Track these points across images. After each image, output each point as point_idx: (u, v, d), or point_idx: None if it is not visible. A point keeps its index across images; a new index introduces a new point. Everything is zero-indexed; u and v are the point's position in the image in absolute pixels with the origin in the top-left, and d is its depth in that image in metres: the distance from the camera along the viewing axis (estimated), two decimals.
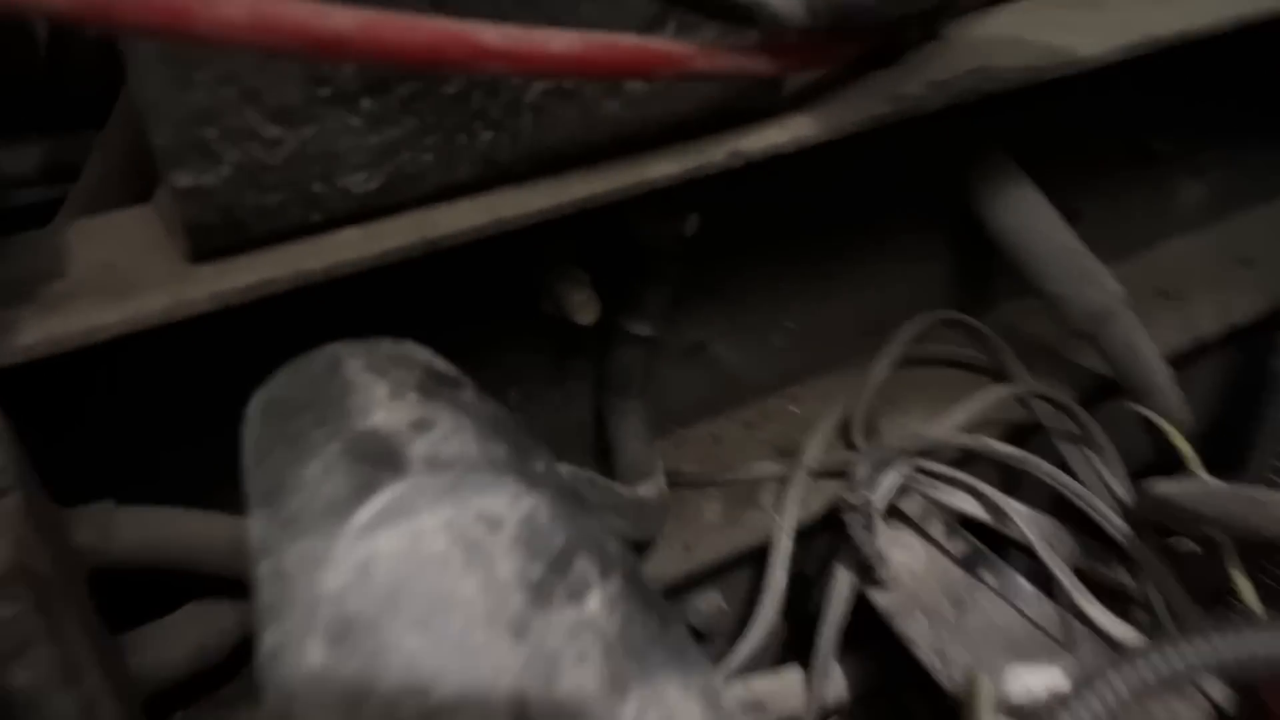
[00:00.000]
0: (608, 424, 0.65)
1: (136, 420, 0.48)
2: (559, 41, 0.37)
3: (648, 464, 0.63)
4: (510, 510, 0.34)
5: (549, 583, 0.33)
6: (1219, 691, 0.54)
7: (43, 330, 0.38)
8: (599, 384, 0.65)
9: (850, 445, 0.71)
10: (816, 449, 0.69)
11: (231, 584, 0.51)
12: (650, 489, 0.61)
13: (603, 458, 0.67)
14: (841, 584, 0.63)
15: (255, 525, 0.35)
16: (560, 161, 0.48)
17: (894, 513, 0.65)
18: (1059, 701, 0.41)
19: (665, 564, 0.64)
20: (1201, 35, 0.65)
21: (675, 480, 0.68)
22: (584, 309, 0.57)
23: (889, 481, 0.64)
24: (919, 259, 0.78)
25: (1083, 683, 0.41)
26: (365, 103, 0.42)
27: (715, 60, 0.43)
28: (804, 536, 0.68)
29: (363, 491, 0.33)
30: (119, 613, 0.47)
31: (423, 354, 0.40)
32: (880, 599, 0.62)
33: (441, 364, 0.40)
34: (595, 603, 0.33)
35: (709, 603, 0.68)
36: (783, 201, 0.67)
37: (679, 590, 0.66)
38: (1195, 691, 0.54)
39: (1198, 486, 0.62)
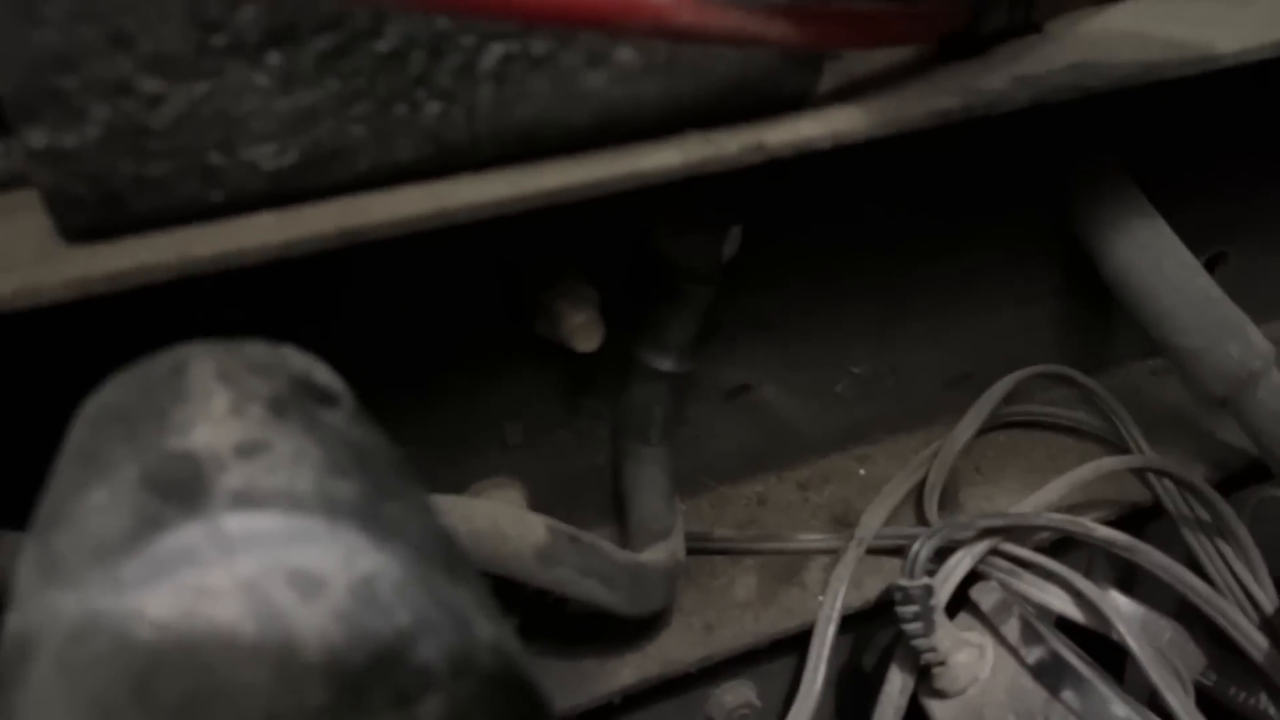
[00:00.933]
0: (622, 473, 0.55)
1: None
2: None
3: (663, 523, 0.53)
4: (340, 571, 0.25)
5: (370, 680, 0.24)
6: None
7: None
8: (614, 425, 0.56)
9: (923, 520, 0.60)
10: (878, 520, 0.58)
11: None
12: (658, 553, 0.51)
13: (622, 513, 0.58)
14: (894, 687, 0.51)
15: (21, 564, 0.27)
16: (530, 146, 0.39)
17: (966, 604, 0.53)
18: None
19: (678, 645, 0.54)
20: None
21: (703, 544, 0.58)
22: (584, 334, 0.48)
23: (961, 565, 0.52)
24: (1019, 299, 0.66)
25: None
26: (272, 56, 0.34)
27: (714, 19, 0.34)
28: (856, 623, 0.57)
29: (144, 531, 0.25)
30: None
31: (301, 362, 0.32)
32: (938, 710, 0.50)
33: (323, 376, 0.32)
34: (430, 717, 0.24)
35: (736, 695, 0.57)
36: (849, 219, 0.56)
37: (695, 679, 0.55)
38: None
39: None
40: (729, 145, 0.41)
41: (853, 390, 0.64)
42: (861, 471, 0.64)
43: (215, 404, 0.29)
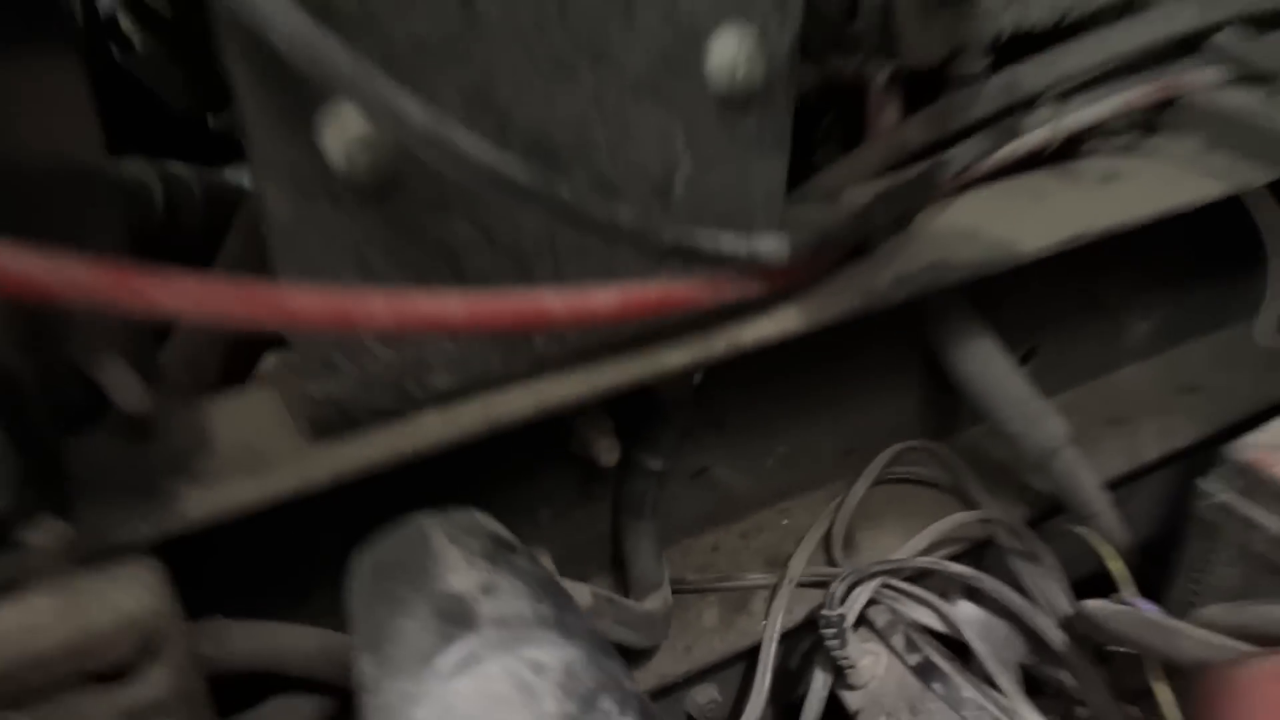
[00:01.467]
0: (623, 542, 0.77)
1: (236, 550, 0.60)
2: (601, 297, 0.50)
3: (656, 577, 0.75)
4: (553, 659, 0.46)
5: (581, 717, 0.45)
6: None
7: (205, 505, 0.50)
8: (616, 506, 0.77)
9: (831, 559, 0.83)
10: (801, 562, 0.81)
11: (311, 682, 0.63)
12: (657, 601, 0.73)
13: (617, 567, 0.79)
14: (818, 683, 0.75)
15: (362, 665, 0.47)
16: (594, 355, 0.60)
17: (864, 622, 0.77)
18: None
19: (667, 664, 0.76)
20: (1130, 227, 0.78)
21: (679, 587, 0.80)
22: (608, 452, 0.69)
23: (862, 596, 0.76)
24: (893, 391, 0.90)
25: None
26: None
27: (721, 293, 0.56)
28: (789, 637, 0.80)
29: (444, 643, 0.45)
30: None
31: (488, 523, 0.52)
32: (849, 699, 0.73)
33: (501, 531, 0.52)
34: None
35: (705, 695, 0.80)
36: (775, 348, 0.79)
37: (679, 686, 0.78)
38: None
39: (1121, 611, 0.73)
40: (718, 344, 0.63)
41: (778, 463, 0.87)
42: (785, 522, 0.87)
43: (455, 559, 0.49)
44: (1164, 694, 0.72)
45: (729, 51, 0.53)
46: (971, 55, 0.83)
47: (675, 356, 0.61)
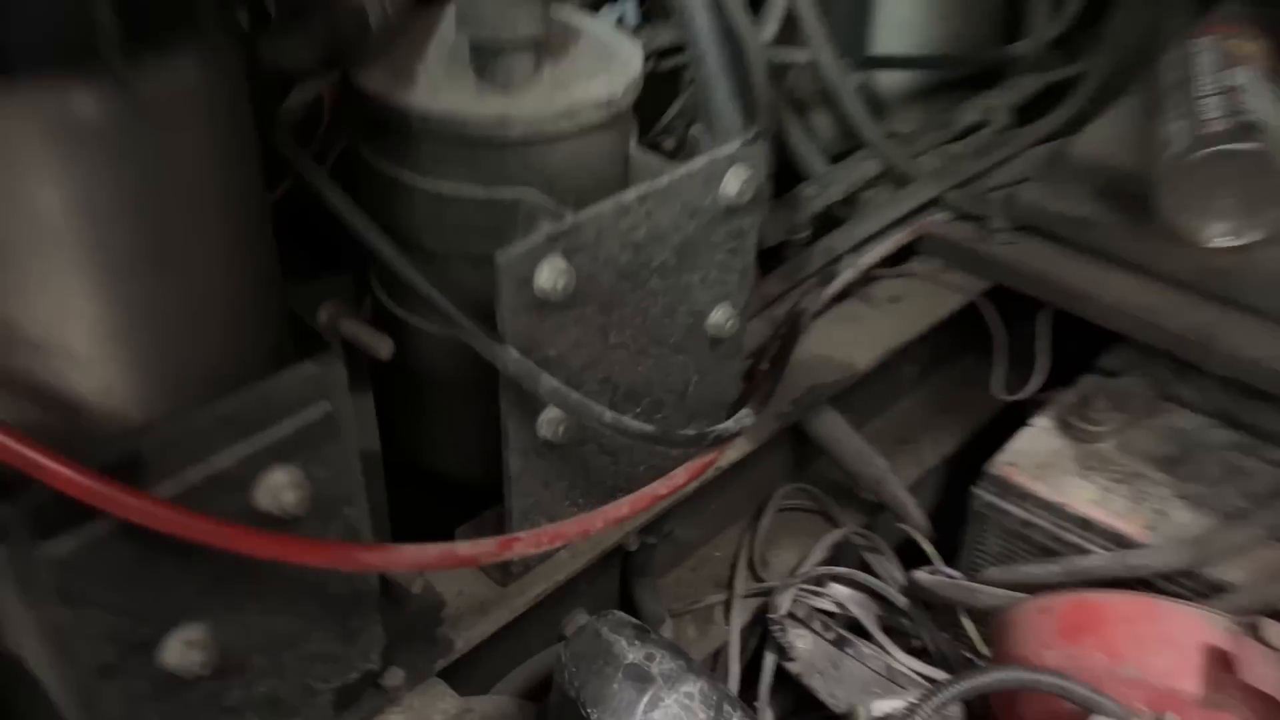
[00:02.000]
0: (633, 593, 1.14)
1: None
2: (658, 489, 0.87)
3: (660, 614, 1.13)
4: (695, 689, 0.83)
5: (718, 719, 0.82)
6: None
7: (466, 639, 0.83)
8: (625, 570, 1.14)
9: (755, 575, 1.24)
10: (741, 582, 1.21)
11: None
12: (668, 630, 1.11)
13: (628, 610, 1.16)
14: (769, 662, 1.16)
15: (591, 717, 0.82)
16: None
17: (792, 616, 1.19)
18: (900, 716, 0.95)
19: None
20: (915, 337, 1.22)
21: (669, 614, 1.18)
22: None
23: (788, 599, 1.17)
24: (777, 453, 1.31)
25: (907, 708, 0.94)
26: None
27: (696, 470, 0.93)
28: (743, 634, 1.20)
29: (639, 695, 0.81)
30: None
31: (626, 617, 0.88)
32: (791, 667, 1.15)
33: (634, 620, 0.88)
34: None
35: None
36: None
37: None
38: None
39: (937, 579, 1.19)
40: (708, 475, 1.01)
41: (710, 514, 1.26)
42: (717, 554, 1.27)
43: (622, 644, 0.85)
44: (970, 628, 1.18)
45: (720, 317, 0.91)
46: (800, 231, 1.25)
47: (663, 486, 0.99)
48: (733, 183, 0.83)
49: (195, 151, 0.57)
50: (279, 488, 0.63)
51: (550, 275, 0.72)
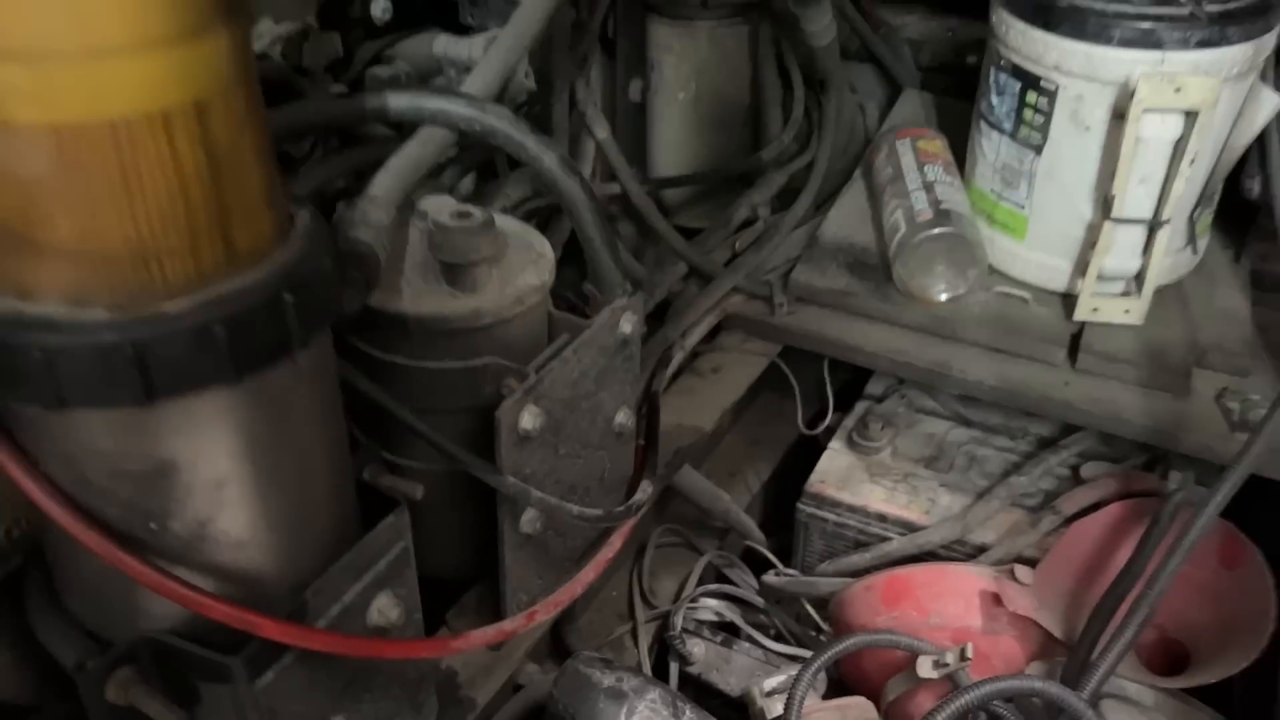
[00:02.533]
0: (565, 638, 1.42)
1: None
2: (600, 562, 1.18)
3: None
4: (656, 696, 1.14)
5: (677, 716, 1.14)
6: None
7: (482, 696, 1.09)
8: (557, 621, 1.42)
9: (648, 602, 1.56)
10: (639, 611, 1.53)
11: None
12: None
13: (556, 647, 1.45)
14: (674, 669, 1.48)
15: None
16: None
17: (685, 630, 1.51)
18: (785, 688, 1.30)
19: None
20: (738, 398, 1.59)
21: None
22: None
23: (681, 617, 1.50)
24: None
25: (791, 679, 1.29)
26: None
27: (626, 534, 1.25)
28: (650, 652, 1.51)
29: (618, 708, 1.11)
30: None
31: (594, 654, 1.17)
32: (692, 670, 1.48)
33: (599, 654, 1.18)
34: None
35: None
36: None
37: None
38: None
39: (781, 578, 1.56)
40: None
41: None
42: (614, 593, 1.58)
43: (597, 673, 1.16)
44: (813, 613, 1.56)
45: (622, 417, 1.22)
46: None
47: None
48: (626, 325, 1.15)
49: (323, 398, 0.83)
50: (385, 607, 0.89)
51: (529, 418, 1.02)
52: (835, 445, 1.65)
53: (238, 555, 0.79)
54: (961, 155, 1.78)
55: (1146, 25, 1.39)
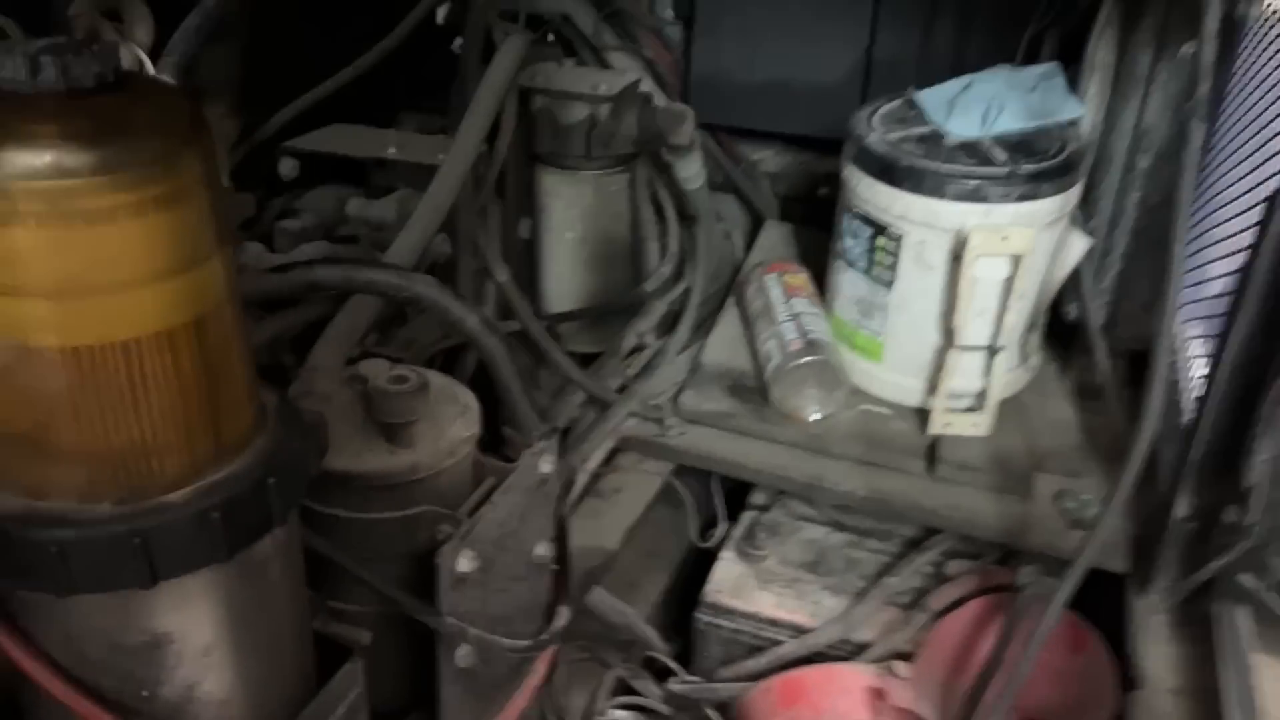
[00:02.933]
0: None
1: None
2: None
3: None
4: None
5: None
6: None
7: None
8: None
9: (560, 719, 1.64)
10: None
11: None
12: None
13: None
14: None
15: None
16: None
17: None
18: None
19: None
20: (636, 517, 1.72)
21: None
22: None
23: None
24: None
25: None
26: None
27: (551, 659, 1.35)
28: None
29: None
30: None
31: None
32: None
33: None
34: None
35: None
36: None
37: None
38: None
39: (684, 685, 1.67)
40: None
41: None
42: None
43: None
44: (715, 717, 1.68)
45: (542, 549, 1.33)
46: None
47: None
48: (545, 465, 1.27)
49: (293, 561, 0.92)
50: None
51: (465, 562, 1.12)
52: (726, 555, 1.80)
53: (220, 713, 0.86)
54: (822, 281, 1.99)
55: (975, 183, 1.63)
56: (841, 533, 1.83)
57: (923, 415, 1.81)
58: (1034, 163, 1.66)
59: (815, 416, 1.81)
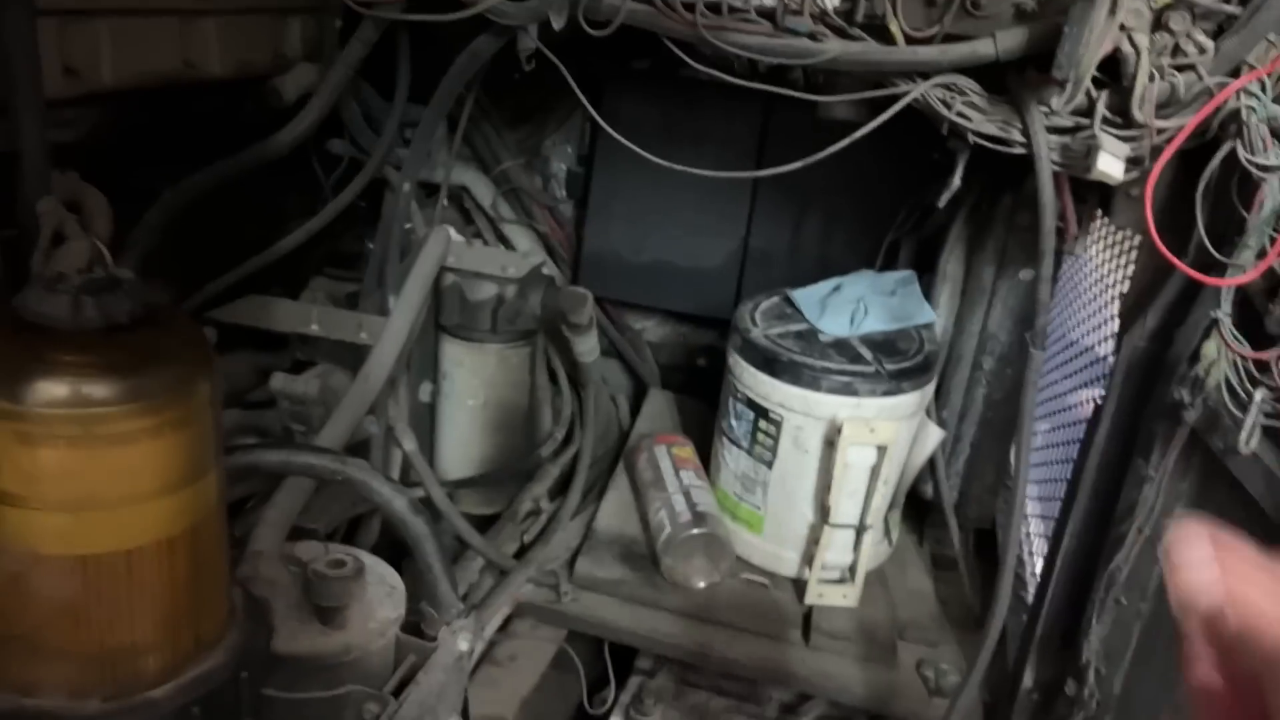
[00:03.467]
0: None
1: None
2: None
3: None
4: None
5: None
6: None
7: None
8: None
9: None
10: None
11: None
12: None
13: None
14: None
15: None
16: None
17: None
18: None
19: None
20: (538, 682, 1.78)
21: None
22: None
23: None
24: None
25: None
26: None
27: None
28: None
29: None
30: None
31: None
32: None
33: None
34: None
35: None
36: None
37: None
38: None
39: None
40: None
41: None
42: None
43: None
44: None
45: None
46: None
47: None
48: (463, 642, 1.34)
49: None
50: None
51: None
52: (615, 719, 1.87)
53: None
54: (703, 451, 2.15)
55: (846, 378, 1.83)
56: (723, 697, 1.93)
57: (798, 585, 1.95)
58: (896, 362, 1.87)
59: (702, 585, 1.94)
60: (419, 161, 2.04)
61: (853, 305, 2.00)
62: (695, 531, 1.90)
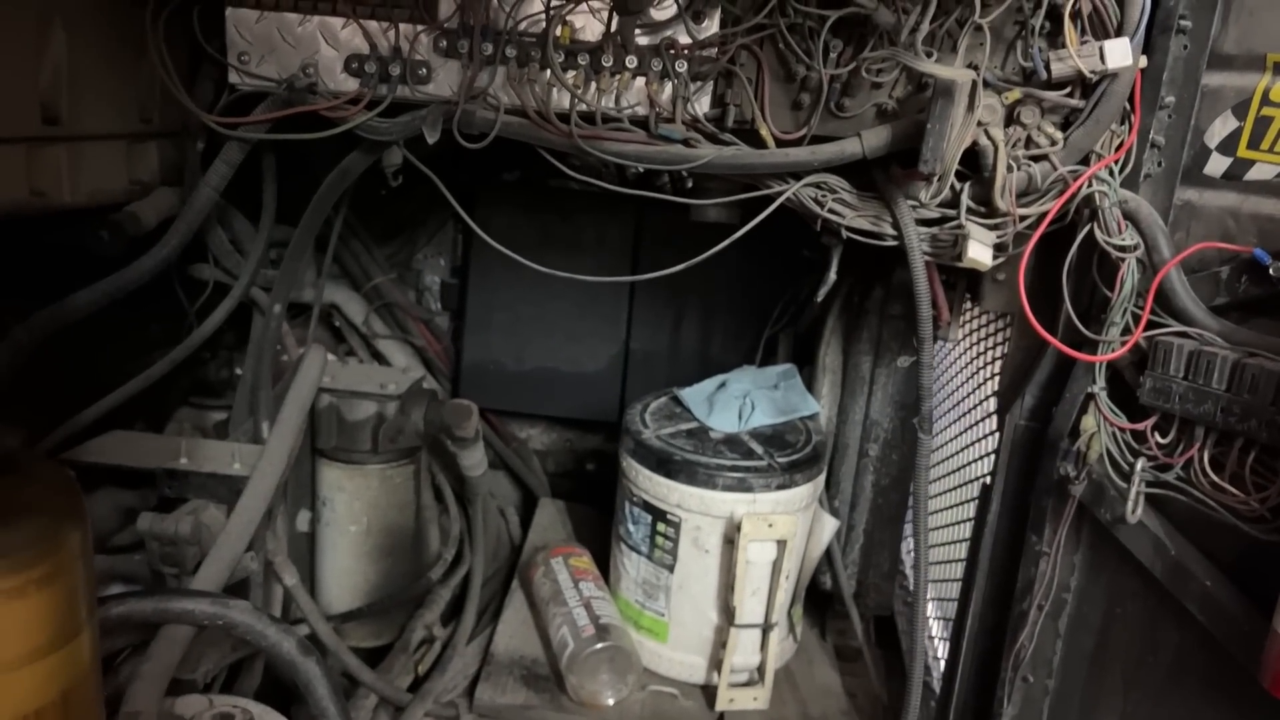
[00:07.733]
0: None
1: None
2: None
3: None
4: None
5: None
6: None
7: None
8: None
9: None
10: None
11: None
12: None
13: None
14: None
15: None
16: None
17: None
18: None
19: None
20: None
21: None
22: None
23: None
24: None
25: None
26: None
27: None
28: None
29: None
30: None
31: None
32: None
33: None
34: None
35: None
36: None
37: None
38: None
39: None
40: None
41: None
42: None
43: None
44: None
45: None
46: None
47: None
48: None
49: None
50: None
51: None
52: None
53: None
54: (600, 560, 2.10)
55: (740, 475, 1.83)
56: None
57: (708, 692, 1.91)
58: (787, 455, 1.88)
59: (610, 701, 1.87)
60: (289, 283, 1.98)
61: (739, 401, 2.02)
62: (600, 646, 1.84)
